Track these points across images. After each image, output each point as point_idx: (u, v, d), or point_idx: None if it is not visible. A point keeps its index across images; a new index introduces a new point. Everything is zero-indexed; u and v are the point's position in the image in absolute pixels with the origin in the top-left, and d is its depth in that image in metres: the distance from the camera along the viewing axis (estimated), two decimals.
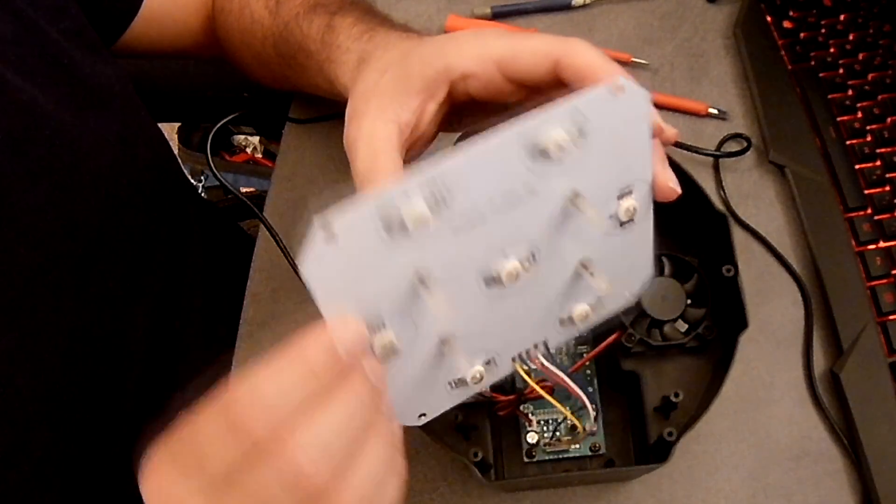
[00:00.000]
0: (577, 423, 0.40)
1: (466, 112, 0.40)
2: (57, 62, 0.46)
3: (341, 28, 0.45)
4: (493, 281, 0.32)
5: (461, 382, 0.34)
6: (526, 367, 0.36)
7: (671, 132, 0.35)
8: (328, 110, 0.58)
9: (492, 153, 0.29)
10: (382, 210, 0.27)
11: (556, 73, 0.35)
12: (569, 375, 0.37)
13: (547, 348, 0.36)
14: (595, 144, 0.30)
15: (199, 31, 0.59)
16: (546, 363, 0.36)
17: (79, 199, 0.45)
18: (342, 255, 0.27)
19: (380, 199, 0.27)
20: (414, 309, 0.30)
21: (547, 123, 0.29)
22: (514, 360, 0.36)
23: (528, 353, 0.36)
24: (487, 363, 0.35)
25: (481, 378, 0.34)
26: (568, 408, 0.39)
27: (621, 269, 0.36)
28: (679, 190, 0.34)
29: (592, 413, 0.40)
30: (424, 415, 0.35)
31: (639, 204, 0.33)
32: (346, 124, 0.38)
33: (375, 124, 0.34)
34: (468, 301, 0.32)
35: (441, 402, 0.35)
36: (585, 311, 0.36)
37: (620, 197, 0.33)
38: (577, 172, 0.31)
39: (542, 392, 0.38)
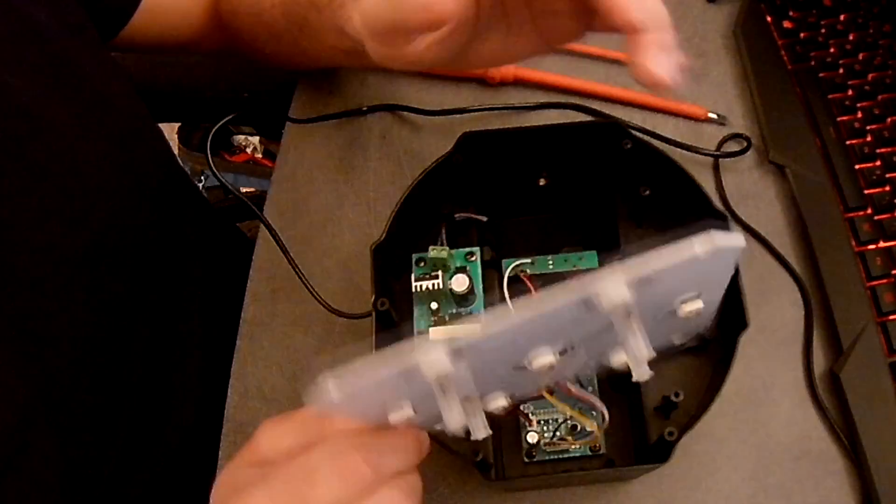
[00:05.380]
0: (586, 422, 0.40)
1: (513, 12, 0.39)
2: (57, 61, 0.45)
3: None
4: (522, 368, 0.30)
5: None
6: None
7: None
8: (328, 110, 0.58)
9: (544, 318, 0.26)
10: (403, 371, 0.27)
11: None
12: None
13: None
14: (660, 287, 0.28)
15: (200, 23, 0.58)
16: (573, 389, 0.36)
17: (80, 203, 0.45)
18: (347, 405, 0.29)
19: (394, 368, 0.27)
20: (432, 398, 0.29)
21: (606, 286, 0.26)
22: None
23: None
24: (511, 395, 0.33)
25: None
26: (570, 407, 0.39)
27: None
28: (668, 81, 0.31)
29: (606, 415, 0.40)
30: None
31: (702, 308, 0.30)
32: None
33: None
34: (493, 377, 0.31)
35: None
36: (623, 361, 0.31)
37: (684, 301, 0.30)
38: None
39: (546, 394, 0.37)
